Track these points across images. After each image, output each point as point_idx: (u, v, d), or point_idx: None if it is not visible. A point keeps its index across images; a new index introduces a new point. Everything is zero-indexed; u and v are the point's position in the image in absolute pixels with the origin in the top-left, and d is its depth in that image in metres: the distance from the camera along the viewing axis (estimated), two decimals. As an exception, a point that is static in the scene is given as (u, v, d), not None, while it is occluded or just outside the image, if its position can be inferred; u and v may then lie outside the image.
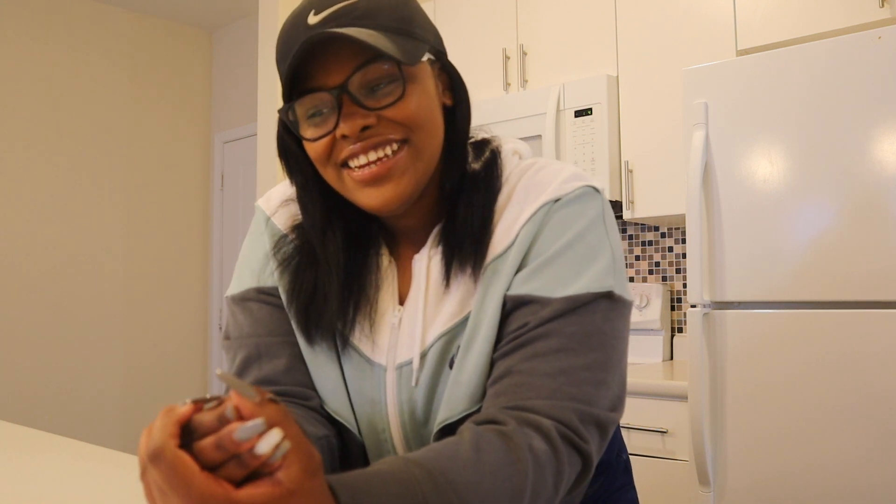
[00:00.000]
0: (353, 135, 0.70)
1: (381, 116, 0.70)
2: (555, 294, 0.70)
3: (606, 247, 0.74)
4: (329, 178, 0.75)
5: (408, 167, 0.72)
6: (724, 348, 1.82)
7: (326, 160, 0.73)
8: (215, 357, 4.25)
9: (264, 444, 0.46)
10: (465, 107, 0.79)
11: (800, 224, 1.74)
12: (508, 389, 0.67)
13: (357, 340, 0.79)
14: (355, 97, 0.70)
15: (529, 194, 0.75)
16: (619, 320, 0.72)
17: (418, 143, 0.72)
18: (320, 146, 0.72)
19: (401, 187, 0.72)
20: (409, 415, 0.77)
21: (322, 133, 0.71)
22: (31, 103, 3.74)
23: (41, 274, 3.72)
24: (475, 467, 0.58)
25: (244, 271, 0.85)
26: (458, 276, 0.75)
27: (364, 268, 0.80)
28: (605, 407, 0.68)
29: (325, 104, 0.71)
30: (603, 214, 0.76)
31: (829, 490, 1.67)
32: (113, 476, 1.02)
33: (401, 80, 0.70)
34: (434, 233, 0.78)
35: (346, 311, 0.78)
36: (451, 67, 0.79)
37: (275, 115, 3.13)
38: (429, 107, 0.74)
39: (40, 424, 3.52)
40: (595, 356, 0.68)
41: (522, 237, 0.73)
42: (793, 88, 1.76)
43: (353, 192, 0.73)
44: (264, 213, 0.86)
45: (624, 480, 0.94)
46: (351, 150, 0.71)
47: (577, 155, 2.46)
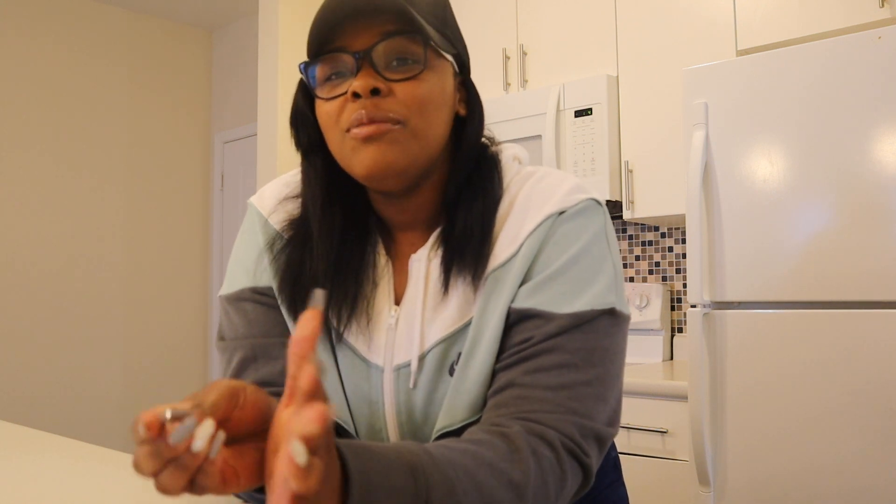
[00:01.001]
0: (364, 93, 0.71)
1: (392, 90, 0.72)
2: (560, 310, 0.71)
3: (609, 262, 0.75)
4: (333, 143, 0.75)
5: (401, 140, 0.73)
6: (724, 348, 1.82)
7: (335, 123, 0.74)
8: (215, 357, 4.25)
9: (198, 440, 0.45)
10: (479, 121, 0.81)
11: (800, 224, 1.74)
12: (510, 401, 0.68)
13: (352, 337, 0.79)
14: (375, 64, 0.72)
15: (532, 204, 0.76)
16: (619, 336, 0.74)
17: (415, 127, 0.73)
18: (332, 106, 0.74)
19: (392, 153, 0.72)
20: (407, 416, 0.78)
21: (338, 93, 0.73)
22: (31, 103, 3.75)
23: (41, 274, 3.72)
24: (476, 459, 0.60)
25: (237, 270, 0.84)
26: (457, 282, 0.76)
27: (361, 263, 0.79)
28: (604, 422, 0.70)
29: (346, 66, 0.73)
30: (605, 228, 0.77)
31: (828, 490, 1.67)
32: (113, 476, 1.02)
33: (422, 62, 0.73)
34: (434, 235, 0.79)
35: (342, 305, 0.78)
36: (472, 84, 0.81)
37: (275, 115, 3.14)
38: (438, 101, 0.75)
39: (40, 424, 3.52)
40: (596, 372, 0.70)
41: (527, 248, 0.74)
42: (793, 88, 1.76)
43: (350, 157, 0.74)
44: (258, 211, 0.85)
45: (613, 477, 0.95)
46: (357, 116, 0.72)
47: (577, 155, 2.46)
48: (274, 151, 3.13)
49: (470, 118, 0.80)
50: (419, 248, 0.80)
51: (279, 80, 3.13)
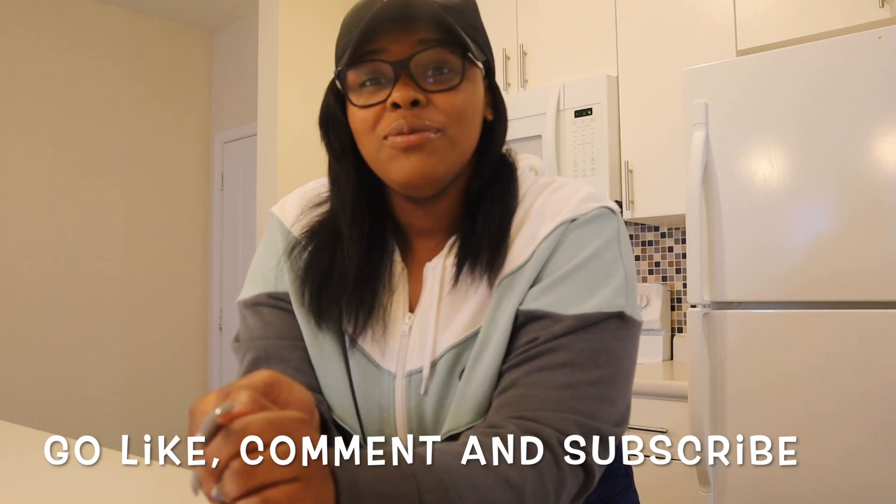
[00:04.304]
0: (404, 104, 0.71)
1: (430, 100, 0.72)
2: (567, 311, 0.71)
3: (620, 267, 0.75)
4: (368, 148, 0.76)
5: (440, 149, 0.73)
6: (724, 348, 1.82)
7: (371, 130, 0.74)
8: (215, 356, 4.25)
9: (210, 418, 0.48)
10: (503, 126, 0.82)
11: (800, 224, 1.74)
12: (513, 401, 0.68)
13: (366, 344, 0.79)
14: (413, 74, 0.72)
15: (546, 213, 0.77)
16: (629, 340, 0.73)
17: (453, 136, 0.74)
18: (369, 114, 0.74)
19: (431, 163, 0.73)
20: (418, 423, 0.78)
21: (375, 101, 0.73)
22: (31, 103, 3.74)
23: (41, 274, 3.72)
24: (470, 462, 0.59)
25: (257, 277, 0.85)
26: (471, 289, 0.76)
27: (378, 270, 0.80)
28: (609, 423, 0.69)
29: (383, 75, 0.73)
30: (618, 235, 0.77)
31: (828, 490, 1.67)
32: (113, 476, 1.02)
33: (460, 73, 0.74)
34: (449, 243, 0.79)
35: (358, 312, 0.78)
36: (496, 87, 0.82)
37: (275, 115, 3.13)
38: (473, 109, 0.76)
39: (40, 424, 3.52)
40: (602, 373, 0.69)
41: (539, 254, 0.74)
42: (793, 88, 1.76)
43: (386, 164, 0.74)
44: (280, 220, 0.86)
45: (625, 484, 0.96)
46: (397, 125, 0.72)
47: (577, 155, 2.46)
48: (274, 151, 3.13)
49: (497, 121, 0.81)
50: (435, 254, 0.80)
51: (279, 80, 3.13)
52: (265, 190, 3.15)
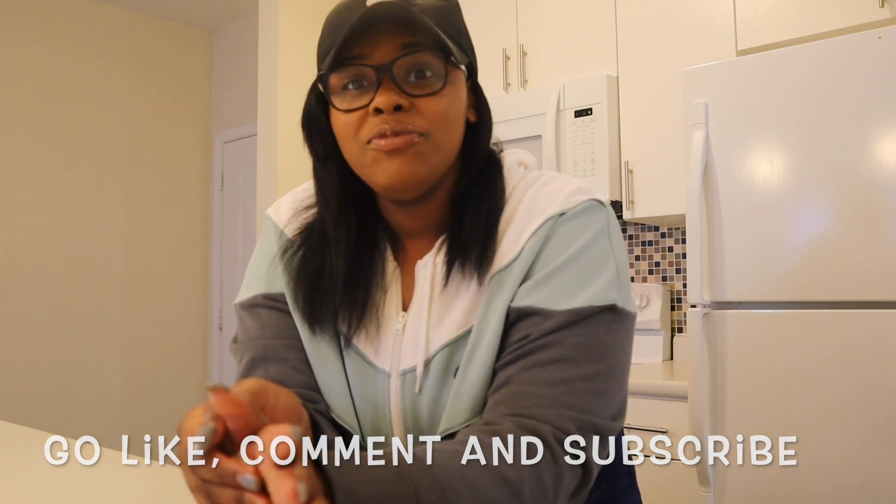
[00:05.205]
0: (387, 109, 0.71)
1: (413, 104, 0.72)
2: (558, 306, 0.70)
3: (611, 260, 0.74)
4: (350, 152, 0.76)
5: (424, 152, 0.73)
6: (724, 348, 1.82)
7: (354, 134, 0.74)
8: (215, 356, 4.25)
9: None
10: (488, 127, 0.82)
11: (800, 224, 1.74)
12: (507, 398, 0.68)
13: (361, 343, 0.79)
14: (396, 79, 0.72)
15: (535, 208, 0.76)
16: (622, 333, 0.73)
17: (437, 140, 0.74)
18: (352, 118, 0.73)
19: (415, 166, 0.73)
20: (413, 421, 0.78)
21: (357, 105, 0.73)
22: (31, 103, 3.74)
23: (41, 274, 3.72)
24: (469, 462, 0.59)
25: (253, 279, 0.85)
26: (462, 286, 0.76)
27: (370, 270, 0.80)
28: (606, 417, 0.69)
29: (366, 78, 0.73)
30: (608, 228, 0.76)
31: (828, 490, 1.67)
32: (113, 476, 1.02)
33: (443, 76, 0.73)
34: (439, 241, 0.79)
35: (352, 311, 0.78)
36: (479, 88, 0.81)
37: (275, 115, 3.14)
38: (456, 112, 0.76)
39: (40, 424, 3.52)
40: (596, 367, 0.69)
41: (528, 250, 0.74)
42: (793, 88, 1.76)
43: (370, 167, 0.74)
44: (274, 222, 0.86)
45: (627, 483, 0.96)
46: (379, 130, 0.72)
47: (577, 155, 2.46)
48: (274, 151, 3.13)
49: (480, 123, 0.81)
50: (425, 252, 0.80)
51: (279, 80, 3.13)
52: (265, 190, 3.15)
